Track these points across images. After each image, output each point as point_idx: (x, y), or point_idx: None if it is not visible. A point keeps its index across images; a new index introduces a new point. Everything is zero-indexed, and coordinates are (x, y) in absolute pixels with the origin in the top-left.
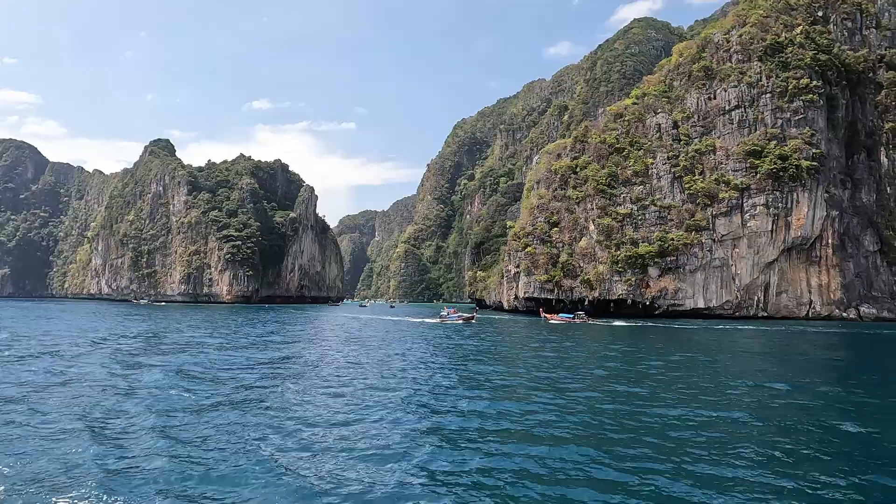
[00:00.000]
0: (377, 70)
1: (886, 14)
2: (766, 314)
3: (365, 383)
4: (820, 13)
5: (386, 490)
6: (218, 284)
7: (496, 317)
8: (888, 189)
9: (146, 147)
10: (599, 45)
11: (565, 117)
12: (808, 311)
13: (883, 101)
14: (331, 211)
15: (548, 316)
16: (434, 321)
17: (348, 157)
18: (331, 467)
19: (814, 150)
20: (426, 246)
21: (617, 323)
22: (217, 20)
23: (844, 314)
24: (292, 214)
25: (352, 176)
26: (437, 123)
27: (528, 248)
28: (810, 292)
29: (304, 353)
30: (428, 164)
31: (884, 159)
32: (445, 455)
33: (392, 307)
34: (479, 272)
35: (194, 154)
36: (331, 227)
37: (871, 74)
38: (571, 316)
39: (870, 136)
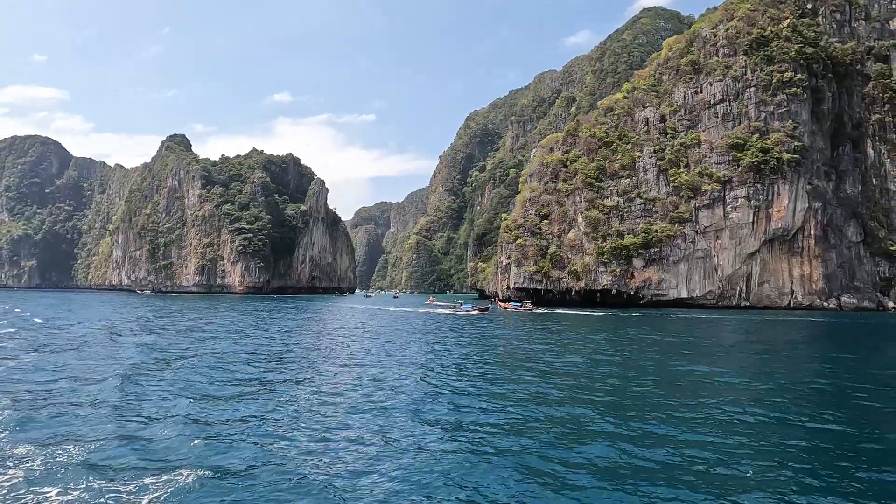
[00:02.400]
0: (396, 62)
1: (876, 5)
2: (748, 304)
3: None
4: (809, 6)
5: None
6: (230, 276)
7: (489, 307)
8: (874, 180)
9: (163, 142)
10: (609, 36)
11: (573, 109)
12: (790, 300)
13: (870, 93)
14: (351, 202)
15: (502, 304)
16: (448, 311)
17: (368, 148)
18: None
19: (795, 143)
20: (438, 237)
21: (559, 311)
22: (239, 16)
23: (825, 304)
24: (303, 207)
25: (371, 167)
26: (456, 114)
27: (519, 241)
28: (792, 282)
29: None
30: (440, 156)
31: (870, 150)
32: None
33: (396, 297)
34: (479, 263)
35: (216, 147)
36: (348, 218)
37: (858, 66)
38: (520, 304)
39: (856, 127)
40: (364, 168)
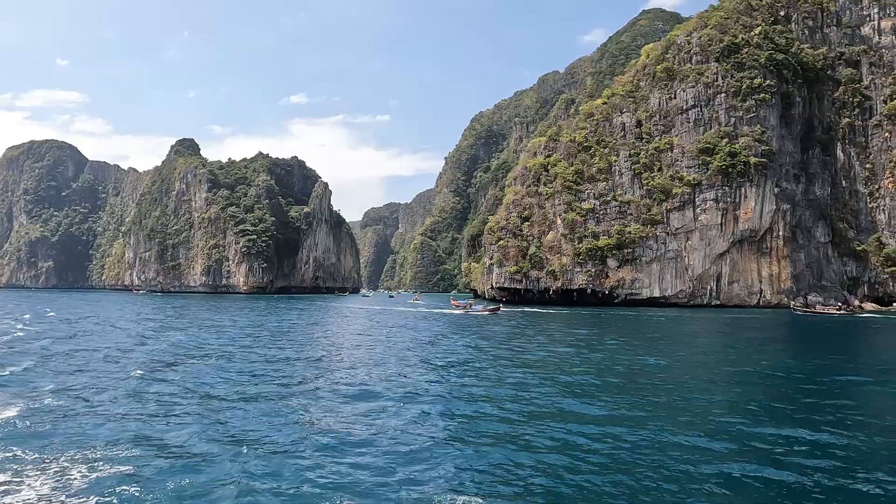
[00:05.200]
0: (411, 61)
1: (847, 12)
2: (719, 302)
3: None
4: (782, 13)
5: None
6: (235, 276)
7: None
8: (843, 182)
9: (172, 146)
10: (610, 37)
11: (572, 110)
12: (759, 299)
13: (840, 98)
14: (365, 202)
15: (454, 303)
16: (459, 312)
17: (382, 148)
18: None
19: (763, 147)
20: (442, 238)
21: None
22: (256, 17)
23: (793, 302)
24: (306, 209)
25: (386, 167)
26: (472, 113)
27: (501, 242)
28: (761, 282)
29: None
30: (445, 157)
31: (840, 154)
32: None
33: (391, 297)
34: (473, 263)
35: (233, 149)
36: (358, 218)
37: (829, 72)
38: (466, 303)
39: (826, 131)
40: (378, 168)
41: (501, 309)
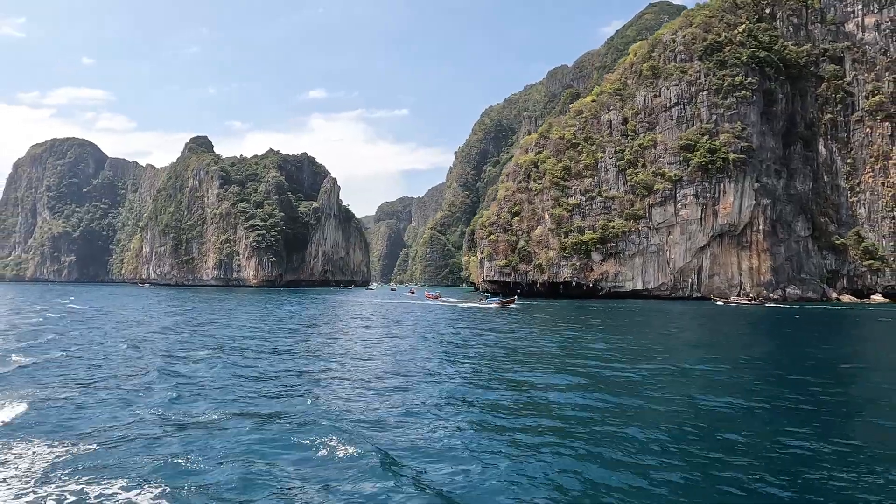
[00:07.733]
0: (429, 56)
1: (832, 9)
2: (700, 295)
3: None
4: (767, 10)
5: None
6: (245, 270)
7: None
8: (825, 177)
9: (186, 144)
10: (617, 31)
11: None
12: (739, 291)
13: (823, 94)
14: (382, 196)
15: (427, 295)
16: (471, 305)
17: (398, 142)
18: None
19: (742, 144)
20: (451, 232)
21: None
22: (274, 14)
23: (771, 294)
24: (315, 204)
25: (402, 160)
26: (485, 107)
27: (492, 237)
28: (741, 274)
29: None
30: (455, 152)
31: (822, 149)
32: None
33: (393, 290)
34: (472, 257)
35: (252, 144)
36: (372, 213)
37: (812, 68)
38: (436, 294)
39: (808, 127)
40: (395, 162)
41: (515, 302)
